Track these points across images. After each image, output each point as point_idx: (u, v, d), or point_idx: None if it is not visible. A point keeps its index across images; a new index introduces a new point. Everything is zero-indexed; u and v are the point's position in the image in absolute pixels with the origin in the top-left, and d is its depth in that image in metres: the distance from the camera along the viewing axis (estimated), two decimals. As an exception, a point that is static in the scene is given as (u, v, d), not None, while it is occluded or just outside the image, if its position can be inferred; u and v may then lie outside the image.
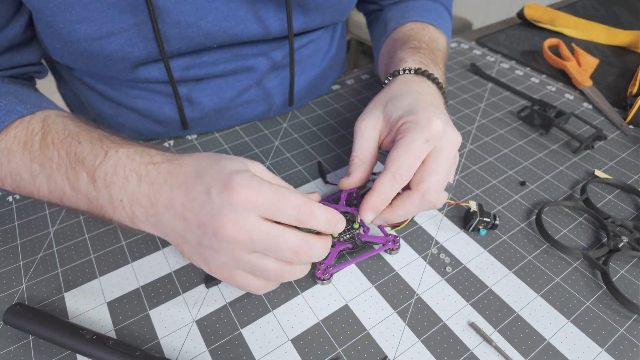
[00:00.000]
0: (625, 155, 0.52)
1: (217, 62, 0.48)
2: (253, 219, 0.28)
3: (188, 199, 0.30)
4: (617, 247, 0.40)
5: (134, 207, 0.31)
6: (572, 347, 0.34)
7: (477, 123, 0.57)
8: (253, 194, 0.28)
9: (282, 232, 0.29)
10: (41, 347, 0.33)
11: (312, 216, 0.30)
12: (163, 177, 0.31)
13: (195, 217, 0.29)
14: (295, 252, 0.30)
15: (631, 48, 0.75)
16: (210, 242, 0.29)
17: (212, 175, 0.29)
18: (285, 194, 0.29)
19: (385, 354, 0.33)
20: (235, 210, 0.28)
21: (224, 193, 0.28)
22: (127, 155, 0.33)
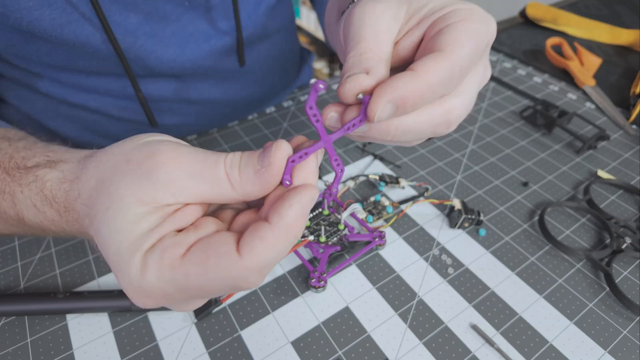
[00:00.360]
0: (628, 155, 0.52)
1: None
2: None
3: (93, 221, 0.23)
4: (620, 248, 0.40)
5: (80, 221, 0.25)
6: (575, 349, 0.33)
7: (479, 123, 0.57)
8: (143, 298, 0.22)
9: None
10: (39, 349, 0.33)
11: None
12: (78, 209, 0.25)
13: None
14: None
15: (634, 47, 0.75)
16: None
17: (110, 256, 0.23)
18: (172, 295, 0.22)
19: (387, 356, 0.33)
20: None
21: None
22: (30, 199, 0.27)
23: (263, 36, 0.53)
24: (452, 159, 0.51)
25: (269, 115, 0.59)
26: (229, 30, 0.48)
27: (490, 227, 0.43)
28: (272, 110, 0.60)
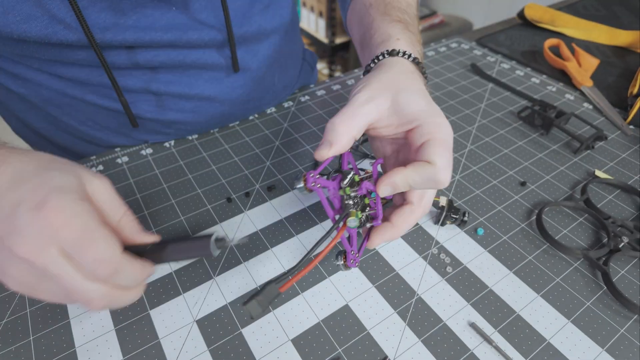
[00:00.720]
0: (625, 155, 0.52)
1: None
2: (53, 251, 0.25)
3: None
4: (618, 247, 0.40)
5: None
6: (573, 348, 0.34)
7: (477, 123, 0.58)
8: (61, 222, 0.25)
9: (80, 279, 0.26)
10: (42, 347, 0.33)
11: (113, 274, 0.27)
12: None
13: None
14: (88, 303, 0.27)
15: (632, 48, 0.75)
16: (8, 258, 0.26)
17: (29, 188, 0.27)
18: (93, 239, 0.26)
19: (386, 354, 0.33)
20: (36, 234, 0.25)
21: (32, 212, 0.25)
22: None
23: (259, 35, 0.53)
24: (451, 159, 0.51)
25: (270, 115, 0.59)
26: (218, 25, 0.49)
27: (488, 227, 0.43)
28: (272, 111, 0.60)
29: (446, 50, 0.75)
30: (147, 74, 0.48)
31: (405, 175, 0.31)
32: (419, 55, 0.42)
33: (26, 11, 0.39)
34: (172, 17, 0.46)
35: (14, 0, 0.38)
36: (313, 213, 0.45)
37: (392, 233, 0.34)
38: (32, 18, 0.39)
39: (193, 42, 0.47)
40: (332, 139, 0.33)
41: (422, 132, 0.33)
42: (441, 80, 0.67)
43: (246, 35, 0.52)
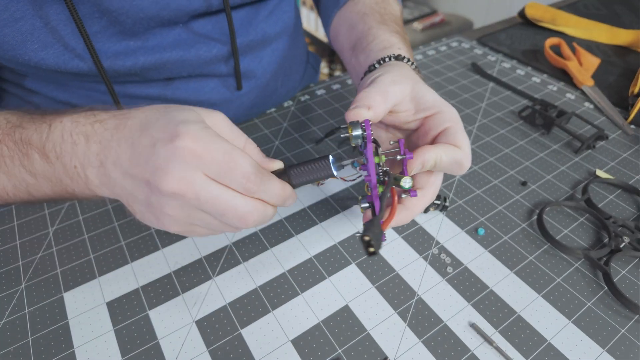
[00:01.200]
0: (626, 155, 0.52)
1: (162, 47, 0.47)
2: (200, 177, 0.27)
3: (134, 153, 0.28)
4: (619, 247, 0.40)
5: (86, 171, 0.30)
6: (574, 348, 0.33)
7: (478, 123, 0.57)
8: (200, 149, 0.26)
9: (230, 198, 0.27)
10: (40, 348, 0.33)
11: (261, 187, 0.28)
12: (110, 133, 0.29)
13: (141, 173, 0.27)
14: (242, 219, 0.28)
15: (633, 47, 0.75)
16: (159, 199, 0.27)
17: (159, 127, 0.28)
18: (236, 158, 0.27)
19: (386, 355, 0.33)
20: (180, 165, 0.26)
21: (169, 146, 0.26)
22: (71, 120, 0.31)
23: (263, 42, 0.53)
24: (451, 158, 0.51)
25: (269, 115, 0.59)
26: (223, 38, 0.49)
27: (489, 227, 0.43)
28: (272, 110, 0.60)
29: (447, 49, 0.75)
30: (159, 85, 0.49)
31: (436, 153, 0.32)
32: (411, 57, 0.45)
33: (44, 39, 0.39)
34: (177, 34, 0.46)
35: (31, 28, 0.39)
36: (313, 213, 0.44)
37: (404, 215, 0.34)
38: (49, 46, 0.40)
39: (200, 57, 0.48)
40: (370, 103, 0.33)
41: (443, 119, 0.35)
42: (441, 80, 0.66)
43: (252, 44, 0.52)
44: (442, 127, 0.34)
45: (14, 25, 0.38)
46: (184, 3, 0.44)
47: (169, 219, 0.28)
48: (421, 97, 0.35)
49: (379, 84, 0.35)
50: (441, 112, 0.35)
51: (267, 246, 0.41)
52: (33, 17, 0.38)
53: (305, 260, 0.40)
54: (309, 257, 0.40)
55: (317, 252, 0.41)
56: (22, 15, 0.38)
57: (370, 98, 0.34)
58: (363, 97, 0.34)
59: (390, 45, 0.44)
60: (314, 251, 0.41)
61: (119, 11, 0.41)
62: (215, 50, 0.49)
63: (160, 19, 0.43)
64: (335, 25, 0.56)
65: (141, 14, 0.42)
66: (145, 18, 0.42)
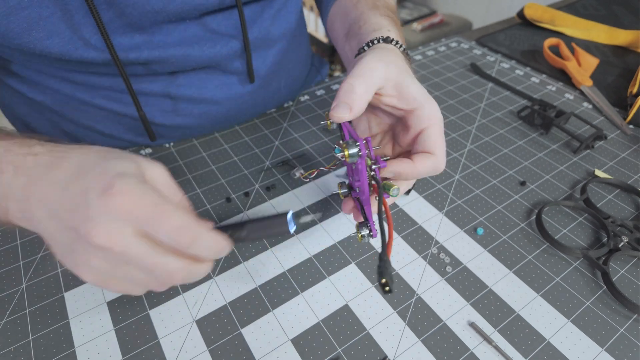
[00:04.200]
0: (625, 155, 0.52)
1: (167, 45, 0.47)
2: (129, 232, 0.26)
3: (65, 198, 0.27)
4: (617, 247, 0.40)
5: (8, 202, 0.29)
6: (572, 347, 0.34)
7: (477, 123, 0.57)
8: (132, 204, 0.26)
9: (159, 255, 0.27)
10: (41, 347, 0.33)
11: (193, 243, 0.27)
12: (41, 170, 0.28)
13: (70, 220, 0.27)
14: (171, 276, 0.28)
15: (631, 48, 0.75)
16: (84, 247, 0.26)
17: (94, 176, 0.27)
18: (167, 211, 0.26)
19: (385, 354, 0.33)
20: (110, 220, 0.25)
21: (101, 198, 0.26)
22: (5, 147, 0.30)
23: (268, 41, 0.54)
24: (450, 158, 0.51)
25: (269, 115, 0.59)
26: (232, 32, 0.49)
27: (488, 226, 0.43)
28: (272, 111, 0.60)
29: (446, 49, 0.75)
30: (163, 80, 0.49)
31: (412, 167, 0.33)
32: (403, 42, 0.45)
33: (50, 27, 0.39)
34: (184, 30, 0.46)
35: (38, 17, 0.39)
36: (313, 213, 0.44)
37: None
38: (55, 34, 0.40)
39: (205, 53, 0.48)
40: (352, 101, 0.32)
41: (422, 116, 0.35)
42: (441, 80, 0.67)
43: (256, 42, 0.52)
44: (420, 127, 0.34)
45: (20, 13, 0.38)
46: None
47: (87, 269, 0.27)
48: (404, 88, 0.35)
49: (362, 67, 0.34)
50: (421, 107, 0.34)
51: (267, 246, 0.41)
52: (40, 5, 0.38)
53: (305, 259, 0.40)
54: (309, 257, 0.40)
55: (317, 252, 0.41)
56: (29, 3, 0.38)
57: (351, 93, 0.32)
58: (344, 93, 0.33)
59: (379, 27, 0.44)
60: (314, 251, 0.41)
61: (126, 2, 0.40)
62: (219, 46, 0.48)
63: (167, 13, 0.43)
64: (331, 15, 0.56)
65: (147, 7, 0.42)
66: (152, 11, 0.42)
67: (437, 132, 0.34)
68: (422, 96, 0.35)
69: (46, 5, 0.38)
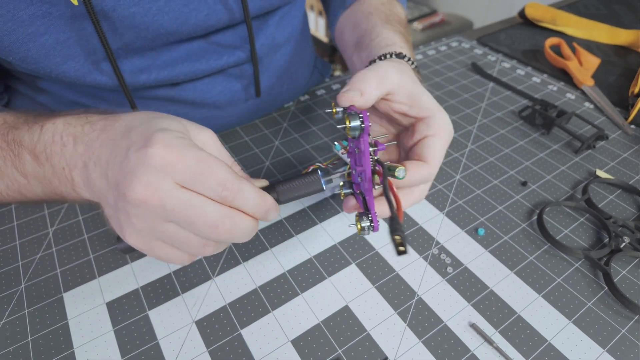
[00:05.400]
0: (626, 155, 0.52)
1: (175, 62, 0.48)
2: (168, 184, 0.25)
3: (112, 155, 0.27)
4: (619, 247, 0.40)
5: (72, 172, 0.30)
6: (574, 348, 0.33)
7: (478, 123, 0.57)
8: (172, 156, 0.25)
9: (200, 204, 0.26)
10: (40, 348, 0.33)
11: (238, 196, 0.26)
12: (97, 134, 0.29)
13: (113, 176, 0.27)
14: (214, 228, 0.26)
15: (633, 47, 0.75)
16: (124, 205, 0.26)
17: (138, 132, 0.27)
18: (211, 165, 0.26)
19: (386, 355, 0.33)
20: (148, 172, 0.25)
21: (141, 151, 0.25)
22: (63, 121, 0.31)
23: (272, 47, 0.54)
24: (451, 158, 0.51)
25: (269, 115, 0.59)
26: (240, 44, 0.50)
27: (489, 227, 0.43)
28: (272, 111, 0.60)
29: (447, 49, 0.75)
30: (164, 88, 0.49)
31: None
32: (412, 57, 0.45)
33: (66, 52, 0.40)
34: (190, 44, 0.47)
35: (54, 42, 0.39)
36: (313, 213, 0.44)
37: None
38: (70, 59, 0.41)
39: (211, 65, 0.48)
40: (364, 88, 0.32)
41: (431, 124, 0.34)
42: (441, 80, 0.66)
43: (262, 49, 0.52)
44: (425, 134, 0.34)
45: (38, 39, 0.38)
46: (202, 18, 0.44)
47: (131, 229, 0.27)
48: (418, 96, 0.34)
49: (377, 67, 0.34)
50: (433, 116, 0.34)
51: (267, 246, 0.41)
52: (57, 32, 0.39)
53: (305, 260, 0.40)
54: (309, 257, 0.40)
55: (317, 252, 0.41)
56: (46, 30, 0.38)
57: (364, 82, 0.32)
58: (357, 80, 0.32)
59: (392, 43, 0.44)
60: (314, 251, 0.41)
61: (140, 26, 0.41)
62: (225, 57, 0.49)
63: (179, 34, 0.44)
64: (340, 24, 0.56)
65: (161, 30, 0.42)
66: (165, 34, 0.43)
67: (440, 143, 0.33)
68: (435, 106, 0.34)
69: (63, 31, 0.39)
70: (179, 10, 0.42)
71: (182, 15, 0.43)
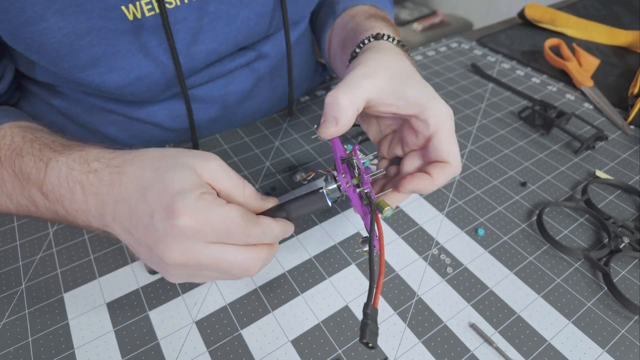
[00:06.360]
0: (626, 155, 0.52)
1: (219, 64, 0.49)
2: (200, 246, 0.28)
3: (133, 217, 0.28)
4: (618, 247, 0.40)
5: (88, 217, 0.31)
6: (573, 348, 0.33)
7: (477, 123, 0.57)
8: (199, 224, 0.27)
9: (232, 255, 0.29)
10: (40, 348, 0.33)
11: (262, 237, 0.29)
12: (105, 189, 0.29)
13: (142, 238, 0.28)
14: (246, 270, 0.30)
15: (632, 48, 0.75)
16: (160, 262, 0.28)
17: (156, 196, 0.27)
18: (232, 220, 0.28)
19: (386, 355, 0.33)
20: (179, 240, 0.27)
21: (167, 222, 0.27)
22: (66, 165, 0.31)
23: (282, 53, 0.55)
24: (451, 159, 0.51)
25: (269, 115, 0.59)
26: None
27: (488, 227, 0.43)
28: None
29: (446, 50, 0.75)
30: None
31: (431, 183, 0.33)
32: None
33: (112, 64, 0.41)
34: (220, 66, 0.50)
35: (102, 53, 0.40)
36: (313, 214, 0.44)
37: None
38: (114, 70, 0.42)
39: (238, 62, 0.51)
40: (337, 114, 0.31)
41: (427, 121, 0.33)
42: (441, 80, 0.66)
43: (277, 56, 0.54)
44: (428, 133, 0.33)
45: (88, 51, 0.39)
46: (242, 38, 0.46)
47: (169, 276, 0.30)
48: (403, 93, 0.33)
49: (349, 79, 0.32)
50: (425, 111, 0.33)
51: (267, 247, 0.41)
52: (107, 45, 0.40)
53: (305, 260, 0.40)
54: (309, 258, 0.40)
55: (317, 253, 0.41)
56: (98, 42, 0.39)
57: (336, 106, 0.31)
58: (329, 107, 0.32)
59: (370, 27, 0.43)
60: (314, 252, 0.41)
61: (183, 43, 0.43)
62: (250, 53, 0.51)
63: (220, 52, 0.46)
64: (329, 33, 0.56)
65: (202, 47, 0.44)
66: (206, 51, 0.45)
67: (447, 136, 0.33)
68: (424, 97, 0.33)
69: (113, 43, 0.40)
70: (220, 29, 0.44)
71: (223, 34, 0.45)
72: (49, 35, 0.37)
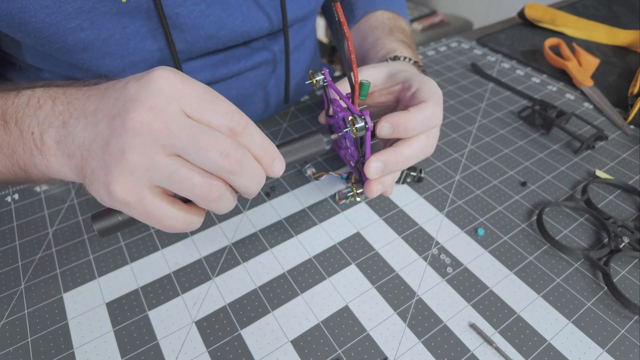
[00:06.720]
0: (626, 155, 0.52)
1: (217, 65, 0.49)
2: (174, 108, 0.23)
3: (102, 100, 0.25)
4: (618, 247, 0.40)
5: (44, 136, 0.27)
6: (573, 348, 0.33)
7: (477, 123, 0.57)
8: (179, 80, 0.24)
9: (210, 131, 0.24)
10: (40, 348, 0.33)
11: (246, 131, 0.25)
12: (82, 93, 0.27)
13: (106, 115, 0.25)
14: (225, 155, 0.24)
15: (632, 48, 0.75)
16: (118, 140, 0.23)
17: (136, 75, 0.25)
18: (218, 95, 0.25)
19: (386, 355, 0.33)
20: (153, 95, 0.23)
21: (143, 79, 0.24)
22: (45, 86, 0.29)
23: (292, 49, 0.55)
24: (451, 159, 0.51)
25: (269, 115, 0.59)
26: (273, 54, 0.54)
27: (488, 227, 0.43)
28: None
29: (446, 49, 0.75)
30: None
31: (406, 116, 0.34)
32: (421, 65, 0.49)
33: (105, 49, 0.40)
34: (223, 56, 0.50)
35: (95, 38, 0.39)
36: (313, 213, 0.44)
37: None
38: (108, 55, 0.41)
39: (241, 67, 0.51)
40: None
41: (413, 85, 0.38)
42: (441, 80, 0.66)
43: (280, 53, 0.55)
44: (411, 92, 0.37)
45: (79, 34, 0.38)
46: (239, 24, 0.46)
47: (122, 171, 0.24)
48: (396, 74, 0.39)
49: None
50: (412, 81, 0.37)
51: (266, 246, 0.41)
52: (99, 28, 0.38)
53: (305, 260, 0.40)
54: (309, 258, 0.40)
55: (317, 253, 0.41)
56: (89, 25, 0.38)
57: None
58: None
59: (392, 50, 0.46)
60: (314, 251, 0.41)
61: (182, 27, 0.42)
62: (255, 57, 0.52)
63: (217, 38, 0.45)
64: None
65: (201, 32, 0.43)
66: (205, 37, 0.44)
67: (428, 88, 0.36)
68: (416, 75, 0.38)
69: (106, 27, 0.39)
70: (217, 14, 0.44)
71: (220, 20, 0.44)
72: (28, 13, 0.35)
